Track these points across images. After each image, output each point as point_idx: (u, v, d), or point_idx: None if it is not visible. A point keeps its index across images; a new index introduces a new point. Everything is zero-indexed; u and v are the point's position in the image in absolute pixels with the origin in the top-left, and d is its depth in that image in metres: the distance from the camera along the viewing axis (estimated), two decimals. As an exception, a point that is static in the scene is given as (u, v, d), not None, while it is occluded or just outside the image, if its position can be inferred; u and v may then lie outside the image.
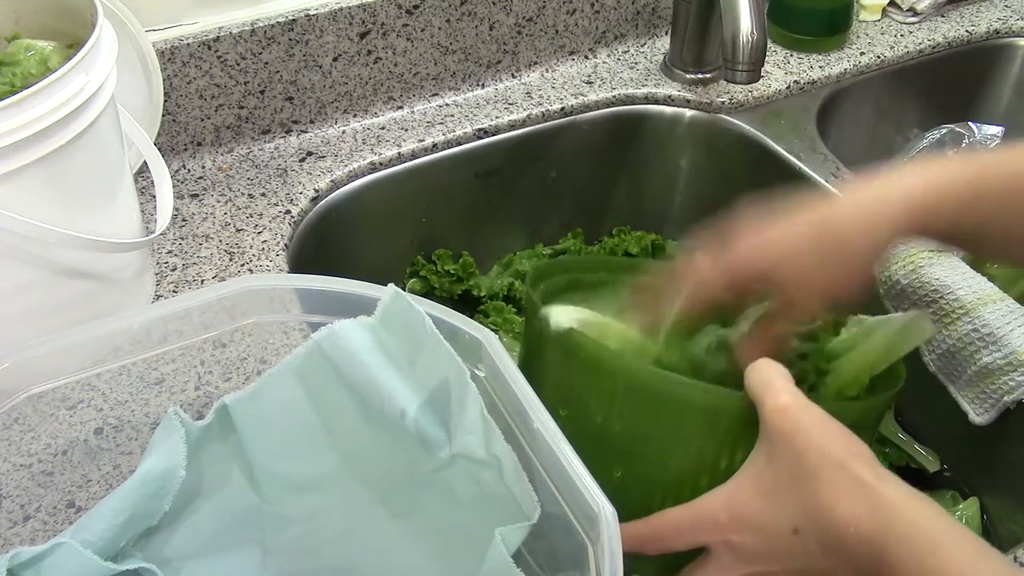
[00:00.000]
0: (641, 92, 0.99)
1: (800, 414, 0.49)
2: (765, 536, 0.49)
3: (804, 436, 0.48)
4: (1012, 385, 0.69)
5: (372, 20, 0.89)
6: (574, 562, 0.45)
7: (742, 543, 0.50)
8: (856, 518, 0.45)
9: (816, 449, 0.47)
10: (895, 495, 0.45)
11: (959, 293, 0.73)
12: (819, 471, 0.47)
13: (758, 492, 0.50)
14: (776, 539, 0.49)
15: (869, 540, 0.45)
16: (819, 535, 0.47)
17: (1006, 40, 1.11)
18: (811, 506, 0.47)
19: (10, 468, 0.60)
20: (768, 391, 0.50)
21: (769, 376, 0.51)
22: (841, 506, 0.46)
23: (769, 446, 0.50)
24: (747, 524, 0.49)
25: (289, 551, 0.56)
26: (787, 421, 0.49)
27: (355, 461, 0.56)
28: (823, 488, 0.47)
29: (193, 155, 0.89)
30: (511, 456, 0.48)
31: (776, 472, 0.49)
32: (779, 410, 0.49)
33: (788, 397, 0.50)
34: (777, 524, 0.48)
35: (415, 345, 0.51)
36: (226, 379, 0.65)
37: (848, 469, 0.46)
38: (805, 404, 0.50)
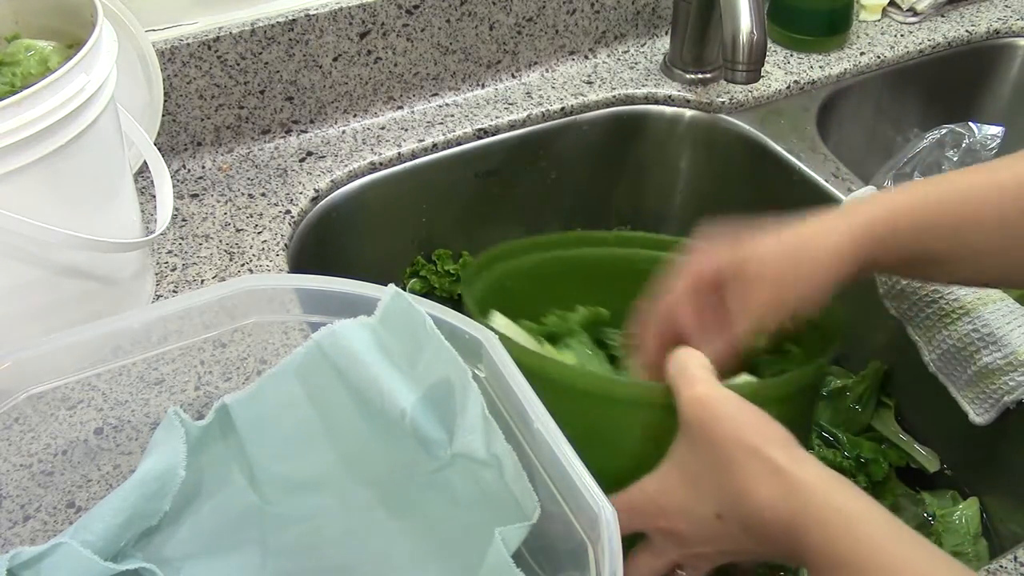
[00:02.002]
0: (641, 92, 0.99)
1: (714, 403, 0.50)
2: (692, 522, 0.50)
3: (718, 425, 0.49)
4: (1012, 385, 0.70)
5: (372, 20, 0.89)
6: (574, 562, 0.45)
7: (673, 529, 0.51)
8: (771, 501, 0.46)
9: (730, 437, 0.49)
10: (810, 478, 0.46)
11: (959, 293, 0.73)
12: (735, 459, 0.48)
13: (682, 480, 0.51)
14: (702, 525, 0.50)
15: (786, 523, 0.46)
16: (741, 520, 0.48)
17: (1006, 40, 1.11)
18: (730, 493, 0.48)
19: (10, 468, 0.60)
20: (683, 381, 0.52)
21: (684, 364, 0.52)
22: (758, 492, 0.47)
23: (688, 436, 0.51)
24: (674, 512, 0.51)
25: (289, 551, 0.56)
26: (702, 411, 0.50)
27: (355, 461, 0.56)
28: (739, 474, 0.48)
29: (193, 155, 0.89)
30: (511, 456, 0.49)
31: (697, 461, 0.50)
32: (694, 400, 0.51)
33: (703, 387, 0.51)
34: (702, 511, 0.50)
35: (416, 345, 0.51)
36: (226, 379, 0.65)
37: (762, 455, 0.47)
38: (719, 392, 0.51)
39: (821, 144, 0.93)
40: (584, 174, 1.02)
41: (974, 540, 0.74)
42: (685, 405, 0.51)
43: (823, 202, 0.87)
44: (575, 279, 0.74)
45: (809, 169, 0.90)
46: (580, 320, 0.71)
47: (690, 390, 0.51)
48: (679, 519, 0.51)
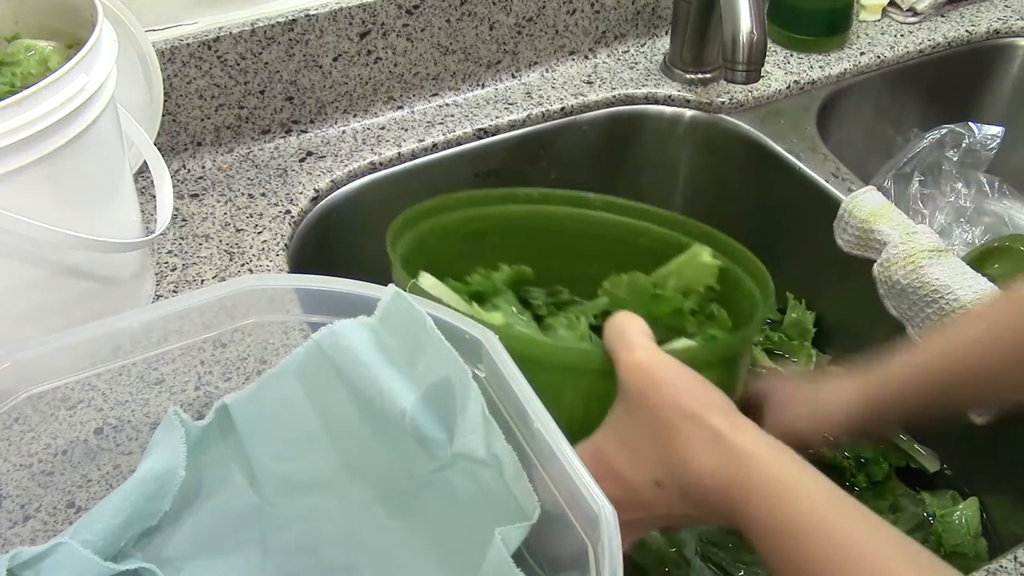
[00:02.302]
0: (641, 92, 0.99)
1: (653, 369, 0.50)
2: (629, 487, 0.50)
3: (657, 391, 0.49)
4: (1012, 385, 0.69)
5: (372, 20, 0.89)
6: (574, 562, 0.45)
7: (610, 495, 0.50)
8: (711, 468, 0.46)
9: (670, 403, 0.48)
10: (750, 445, 0.46)
11: (959, 293, 0.73)
12: (674, 425, 0.48)
13: (619, 445, 0.50)
14: (639, 490, 0.50)
15: (725, 490, 0.46)
16: (679, 486, 0.48)
17: (1006, 40, 1.11)
18: (669, 459, 0.48)
19: (10, 468, 0.60)
20: (621, 346, 0.51)
21: (623, 330, 0.52)
22: (697, 457, 0.47)
23: (626, 402, 0.50)
24: (611, 476, 0.50)
25: (289, 551, 0.56)
26: (641, 377, 0.50)
27: (355, 461, 0.56)
28: (678, 441, 0.47)
29: (193, 155, 0.89)
30: (511, 456, 0.48)
31: (635, 426, 0.50)
32: (632, 366, 0.50)
33: (641, 352, 0.50)
34: (639, 476, 0.49)
35: (416, 345, 0.51)
36: (226, 379, 0.65)
37: (702, 420, 0.47)
38: (658, 358, 0.50)
39: (821, 144, 0.93)
40: (584, 174, 1.01)
41: (974, 540, 0.74)
42: (624, 370, 0.50)
43: (823, 202, 0.87)
44: (499, 236, 0.72)
45: (809, 169, 0.90)
46: (505, 279, 0.70)
47: (629, 355, 0.50)
48: (616, 484, 0.50)
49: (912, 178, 1.01)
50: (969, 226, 1.00)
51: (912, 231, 0.77)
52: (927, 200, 1.01)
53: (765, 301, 0.62)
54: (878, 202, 0.81)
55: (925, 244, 0.76)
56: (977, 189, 1.01)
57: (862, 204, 0.81)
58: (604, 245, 0.72)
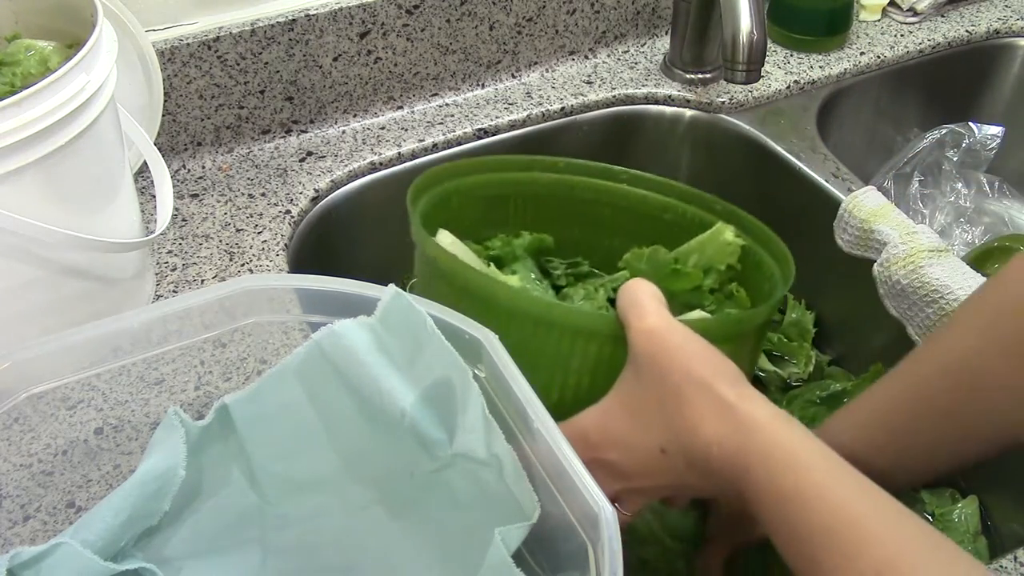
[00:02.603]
0: (641, 92, 0.99)
1: (665, 335, 0.49)
2: (634, 455, 0.50)
3: (668, 357, 0.49)
4: (1012, 385, 0.69)
5: (372, 20, 0.89)
6: (574, 562, 0.45)
7: (613, 461, 0.51)
8: (718, 437, 0.46)
9: (680, 369, 0.48)
10: (758, 414, 0.46)
11: (959, 293, 0.73)
12: (682, 391, 0.48)
13: (626, 412, 0.50)
14: (645, 458, 0.50)
15: (731, 458, 0.46)
16: (685, 454, 0.48)
17: (1006, 40, 1.10)
18: (676, 426, 0.48)
19: (10, 468, 0.60)
20: (633, 312, 0.51)
21: (637, 296, 0.52)
22: (704, 425, 0.47)
23: (636, 367, 0.50)
24: (617, 443, 0.50)
25: (289, 551, 0.56)
26: (652, 342, 0.49)
27: (355, 461, 0.56)
28: (687, 408, 0.47)
29: (193, 155, 0.89)
30: (511, 456, 0.49)
31: (643, 392, 0.50)
32: (644, 331, 0.50)
33: (653, 318, 0.50)
34: (645, 444, 0.49)
35: (416, 345, 0.51)
36: (226, 379, 0.65)
37: (711, 389, 0.47)
38: (670, 324, 0.50)
39: (821, 144, 0.93)
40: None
41: (974, 539, 0.74)
42: (635, 336, 0.50)
43: (823, 202, 0.87)
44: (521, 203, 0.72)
45: (809, 169, 0.90)
46: (525, 246, 0.69)
47: (640, 321, 0.50)
48: (621, 451, 0.50)
49: (912, 178, 1.00)
50: (969, 226, 1.00)
51: (912, 231, 0.77)
52: (927, 200, 1.01)
53: (784, 282, 0.61)
54: (878, 202, 0.81)
55: (925, 244, 0.76)
56: (977, 189, 1.01)
57: (862, 204, 0.81)
58: (627, 218, 0.71)
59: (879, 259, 0.78)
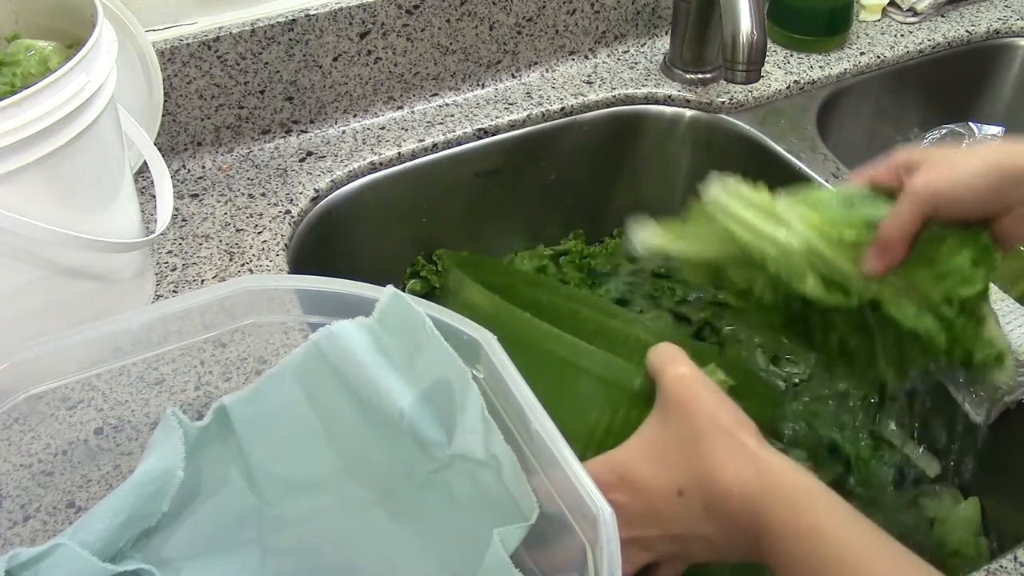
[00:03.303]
0: (641, 92, 0.99)
1: (696, 383, 0.52)
2: (648, 498, 0.51)
3: (697, 402, 0.51)
4: (1012, 385, 0.69)
5: (372, 20, 0.89)
6: (573, 563, 0.45)
7: (625, 504, 0.51)
8: (741, 480, 0.48)
9: (707, 415, 0.50)
10: (778, 461, 0.49)
11: (959, 293, 0.72)
12: (707, 435, 0.50)
13: (648, 454, 0.52)
14: (660, 501, 0.51)
15: (752, 501, 0.48)
16: (703, 496, 0.49)
17: (1006, 40, 1.10)
18: (698, 468, 0.50)
19: (10, 468, 0.60)
20: (670, 362, 0.54)
21: (671, 352, 0.55)
22: (727, 468, 0.49)
23: (663, 411, 0.52)
24: (633, 485, 0.52)
25: (288, 552, 0.56)
26: (683, 387, 0.52)
27: (354, 462, 0.56)
28: (711, 451, 0.49)
29: (193, 155, 0.89)
30: (510, 456, 0.49)
31: (667, 435, 0.52)
32: (677, 376, 0.53)
33: (687, 368, 0.53)
34: (663, 486, 0.51)
35: (414, 346, 0.51)
36: (226, 379, 0.65)
37: (735, 436, 0.50)
38: (701, 376, 0.53)
39: (821, 144, 0.93)
40: (584, 174, 1.02)
41: (974, 540, 0.74)
42: (668, 379, 0.53)
43: (823, 202, 0.87)
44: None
45: (809, 169, 0.90)
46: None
47: (675, 368, 0.53)
48: (635, 493, 0.51)
49: (912, 178, 1.00)
50: (969, 226, 1.00)
51: (912, 231, 0.77)
52: (927, 200, 1.00)
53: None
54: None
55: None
56: (977, 189, 1.01)
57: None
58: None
59: (879, 259, 0.78)
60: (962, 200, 0.56)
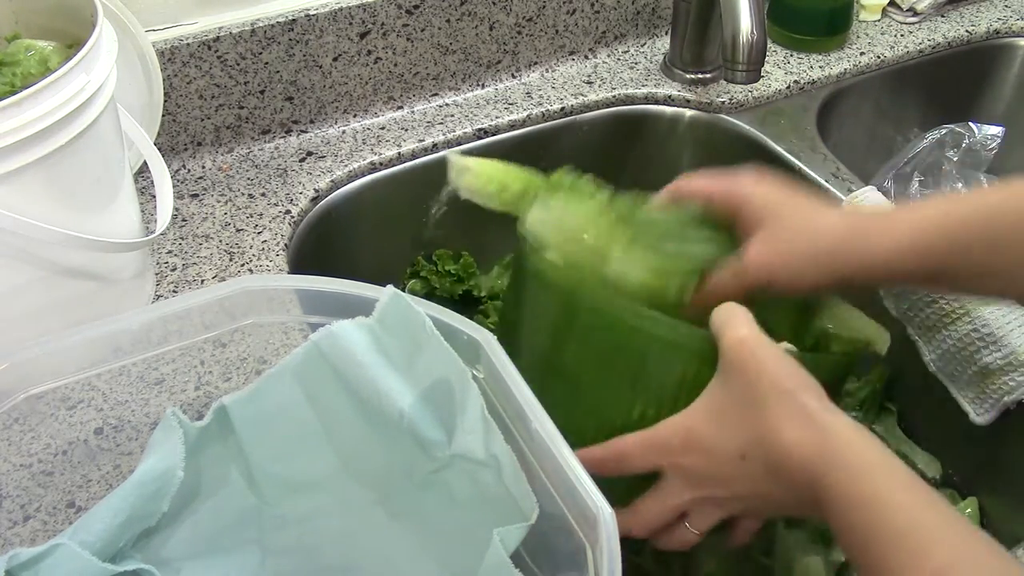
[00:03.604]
0: (641, 92, 0.99)
1: (756, 346, 0.52)
2: (714, 460, 0.52)
3: (757, 365, 0.51)
4: (1012, 385, 0.69)
5: (372, 20, 0.89)
6: (572, 563, 0.45)
7: (692, 466, 0.52)
8: (799, 442, 0.48)
9: (768, 377, 0.50)
10: (839, 424, 0.48)
11: (959, 293, 0.73)
12: (768, 397, 0.50)
13: (710, 418, 0.52)
14: (724, 463, 0.51)
15: (811, 463, 0.47)
16: (765, 458, 0.50)
17: (1006, 40, 1.10)
18: (759, 430, 0.50)
19: (10, 468, 0.60)
20: (729, 325, 0.53)
21: (732, 312, 0.54)
22: (787, 431, 0.48)
23: (725, 375, 0.52)
24: (698, 448, 0.52)
25: (288, 551, 0.56)
26: (744, 350, 0.52)
27: (354, 462, 0.56)
28: (771, 413, 0.49)
29: (193, 155, 0.89)
30: (510, 456, 0.49)
31: (729, 399, 0.52)
32: (737, 340, 0.52)
33: (747, 330, 0.53)
34: (726, 448, 0.51)
35: (414, 346, 0.51)
36: (226, 379, 0.65)
37: (796, 398, 0.49)
38: (762, 338, 0.53)
39: (821, 144, 0.93)
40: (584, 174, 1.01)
41: (974, 540, 0.74)
42: (728, 344, 0.52)
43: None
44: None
45: (809, 169, 0.90)
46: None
47: (735, 332, 0.53)
48: (701, 456, 0.52)
49: (912, 178, 1.00)
50: (969, 226, 1.00)
51: (912, 231, 0.77)
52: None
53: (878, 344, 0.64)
54: (878, 202, 0.81)
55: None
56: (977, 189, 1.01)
57: (862, 204, 0.81)
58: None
59: (879, 259, 0.78)
60: (794, 287, 0.58)
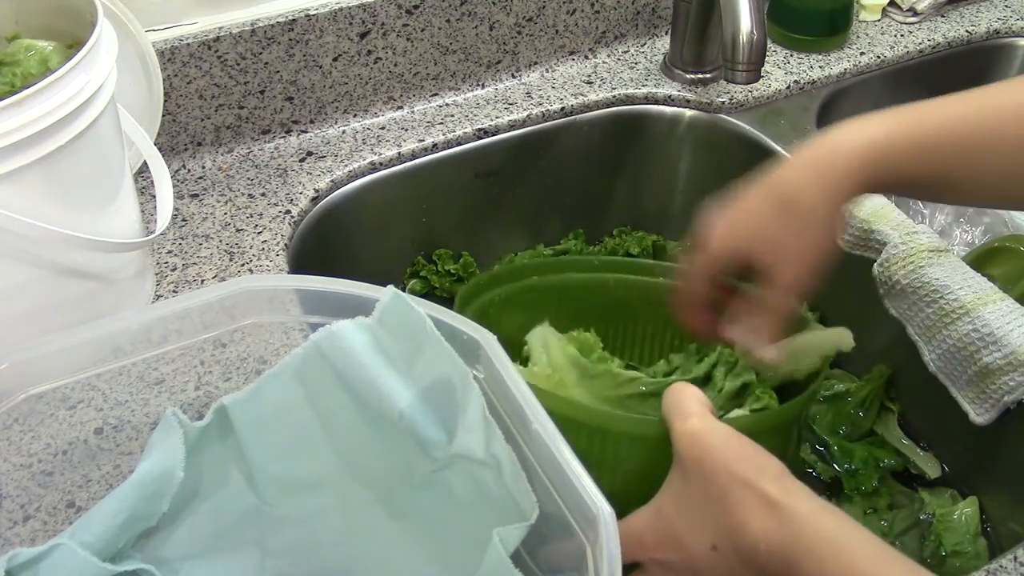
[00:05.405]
0: (641, 92, 0.99)
1: (706, 437, 0.51)
2: (687, 553, 0.51)
3: (711, 458, 0.50)
4: (1012, 385, 0.69)
5: (372, 20, 0.89)
6: (572, 563, 0.45)
7: (668, 560, 0.52)
8: (765, 533, 0.48)
9: (724, 470, 0.50)
10: (801, 508, 0.48)
11: (959, 293, 0.73)
12: (728, 491, 0.49)
13: (677, 511, 0.52)
14: (697, 556, 0.51)
15: (779, 553, 0.47)
16: (735, 551, 0.49)
17: (1006, 40, 1.11)
18: (724, 525, 0.49)
19: (10, 468, 0.60)
20: (677, 415, 0.53)
21: (679, 399, 0.54)
22: (751, 523, 0.48)
23: (682, 468, 0.52)
24: (670, 543, 0.52)
25: (288, 552, 0.56)
26: (694, 444, 0.51)
27: (354, 462, 0.56)
28: (733, 508, 0.49)
29: (193, 155, 0.89)
30: (510, 456, 0.49)
31: (691, 493, 0.51)
32: (686, 434, 0.52)
33: (695, 420, 0.52)
34: (698, 541, 0.51)
35: (415, 346, 0.51)
36: (226, 379, 0.65)
37: (755, 488, 0.49)
38: (711, 426, 0.52)
39: (821, 144, 0.93)
40: (584, 174, 1.02)
41: (973, 539, 0.74)
42: (678, 438, 0.52)
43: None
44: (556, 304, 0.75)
45: (809, 169, 0.90)
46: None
47: (683, 423, 0.52)
48: (674, 550, 0.52)
49: (912, 178, 1.00)
50: (969, 226, 1.00)
51: (912, 231, 0.77)
52: (927, 200, 1.01)
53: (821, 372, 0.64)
54: (878, 202, 0.81)
55: (925, 244, 0.76)
56: (977, 189, 1.01)
57: (862, 204, 0.81)
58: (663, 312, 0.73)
59: (879, 259, 0.78)
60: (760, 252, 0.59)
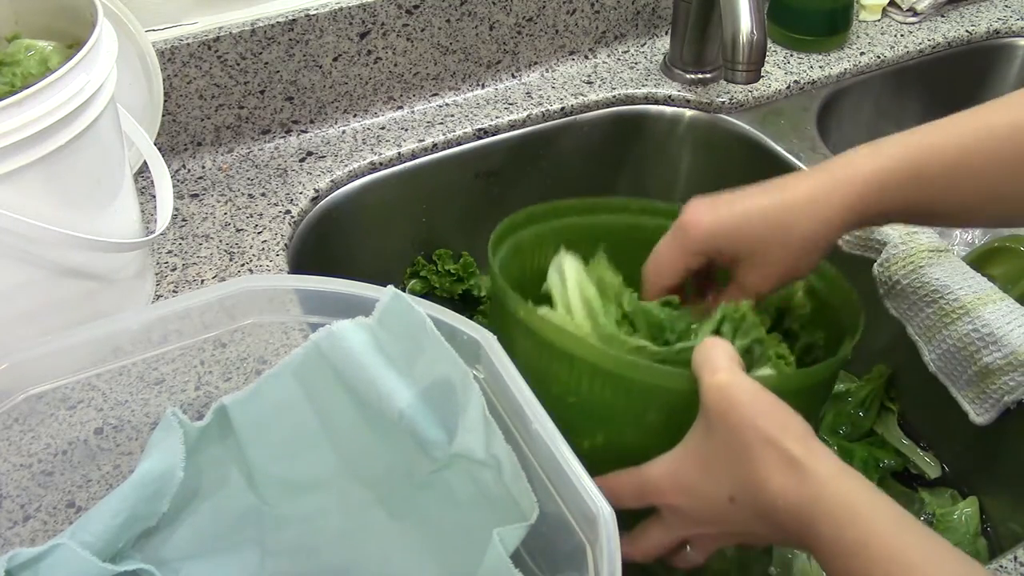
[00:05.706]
0: (641, 92, 0.99)
1: (734, 391, 0.51)
2: (704, 503, 0.52)
3: (737, 412, 0.50)
4: (1012, 385, 0.69)
5: (372, 20, 0.89)
6: (572, 563, 0.45)
7: (684, 507, 0.52)
8: (784, 490, 0.48)
9: (749, 425, 0.49)
10: (822, 469, 0.48)
11: (959, 293, 0.73)
12: (751, 446, 0.49)
13: (697, 463, 0.52)
14: (714, 506, 0.51)
15: (796, 511, 0.47)
16: (753, 505, 0.49)
17: (1006, 40, 1.10)
18: (745, 479, 0.49)
19: (10, 468, 0.60)
20: (706, 368, 0.52)
21: (709, 353, 0.53)
22: (771, 479, 0.48)
23: (707, 420, 0.52)
24: (688, 491, 0.52)
25: (288, 552, 0.56)
26: (721, 398, 0.51)
27: (354, 462, 0.56)
28: (755, 463, 0.49)
29: (193, 155, 0.89)
30: (510, 456, 0.49)
31: (713, 445, 0.51)
32: (715, 387, 0.51)
33: (724, 374, 0.52)
34: (715, 493, 0.51)
35: (415, 346, 0.51)
36: (226, 379, 0.65)
37: (778, 445, 0.48)
38: (740, 381, 0.51)
39: (821, 144, 0.93)
40: (584, 174, 1.01)
41: (973, 539, 0.74)
42: (706, 391, 0.52)
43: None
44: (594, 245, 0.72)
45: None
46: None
47: (712, 377, 0.52)
48: (691, 498, 0.52)
49: (912, 178, 1.00)
50: (969, 226, 1.00)
51: (912, 231, 0.77)
52: (927, 200, 1.01)
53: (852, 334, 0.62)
54: (878, 202, 0.81)
55: (925, 244, 0.76)
56: (977, 189, 1.01)
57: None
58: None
59: (879, 259, 0.78)
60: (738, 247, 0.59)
